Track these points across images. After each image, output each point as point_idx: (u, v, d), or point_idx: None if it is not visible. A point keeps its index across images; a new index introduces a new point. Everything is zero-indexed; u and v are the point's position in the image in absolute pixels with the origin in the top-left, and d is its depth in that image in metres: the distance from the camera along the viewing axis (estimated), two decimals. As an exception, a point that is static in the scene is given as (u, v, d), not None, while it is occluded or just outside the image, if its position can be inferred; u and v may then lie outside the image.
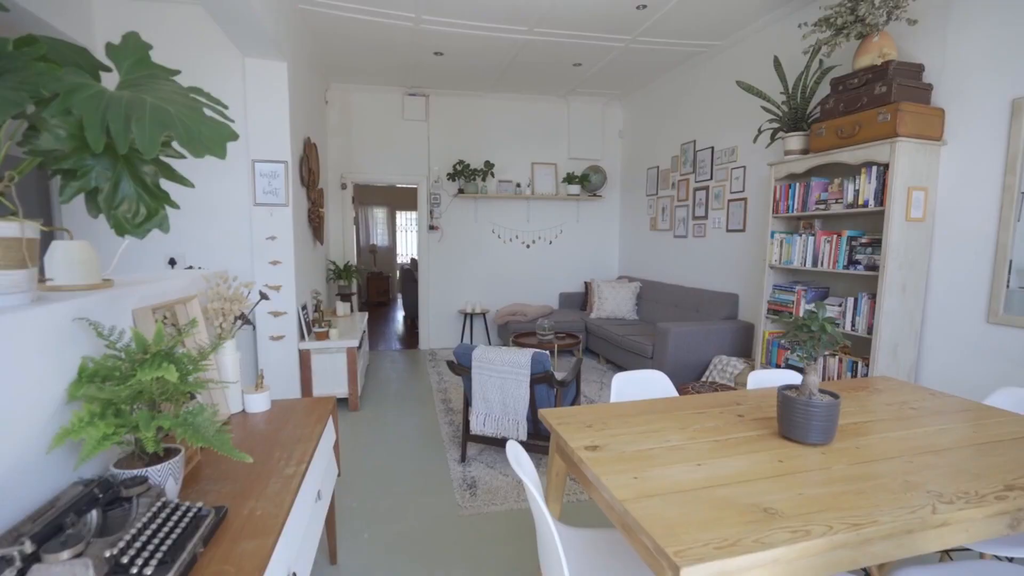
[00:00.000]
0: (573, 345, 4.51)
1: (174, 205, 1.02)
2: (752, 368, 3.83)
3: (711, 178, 4.73)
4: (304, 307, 3.87)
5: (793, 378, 2.04)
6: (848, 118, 2.91)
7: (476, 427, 2.74)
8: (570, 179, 6.14)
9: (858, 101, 2.87)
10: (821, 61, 3.35)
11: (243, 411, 1.84)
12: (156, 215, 0.97)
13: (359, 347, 4.06)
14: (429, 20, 3.96)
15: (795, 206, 3.39)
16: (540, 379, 2.60)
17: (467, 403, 2.96)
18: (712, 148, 4.70)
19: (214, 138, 0.89)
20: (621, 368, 5.13)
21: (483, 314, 6.13)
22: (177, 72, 1.00)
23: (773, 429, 1.50)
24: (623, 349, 4.71)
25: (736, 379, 3.83)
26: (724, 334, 4.15)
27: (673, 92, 5.29)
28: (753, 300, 4.24)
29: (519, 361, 2.59)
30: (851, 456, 1.32)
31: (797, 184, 3.37)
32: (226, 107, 1.01)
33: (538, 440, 2.81)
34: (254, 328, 3.60)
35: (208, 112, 0.95)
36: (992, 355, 2.57)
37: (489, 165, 5.89)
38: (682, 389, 3.50)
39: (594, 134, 6.34)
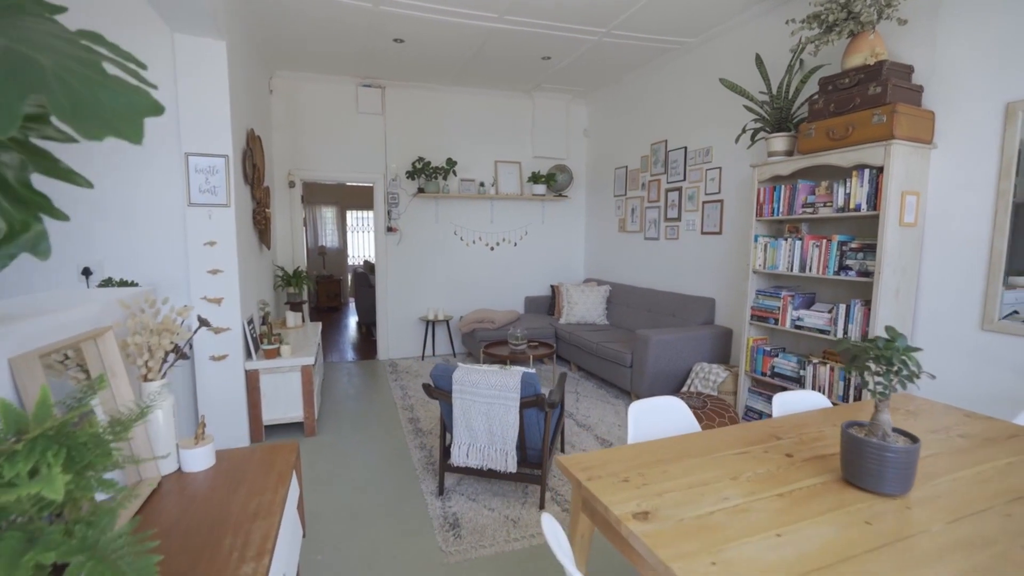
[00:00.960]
0: (547, 355, 4.26)
1: (60, 216, 0.66)
2: (736, 375, 3.71)
3: (684, 179, 4.61)
4: (250, 321, 3.40)
5: (820, 401, 1.86)
6: (840, 119, 2.81)
7: (458, 458, 2.42)
8: (535, 179, 5.90)
9: (850, 102, 2.77)
10: (802, 61, 3.26)
11: (179, 470, 1.45)
12: (25, 232, 0.61)
13: (315, 363, 3.63)
14: (390, 2, 3.58)
15: (780, 209, 3.29)
16: (531, 403, 2.33)
17: (444, 428, 2.64)
18: (685, 148, 4.59)
19: (121, 110, 0.54)
20: (594, 376, 4.94)
21: (446, 321, 5.78)
22: (61, 9, 0.64)
23: (833, 473, 1.29)
24: (599, 357, 4.51)
25: (720, 388, 3.71)
26: (704, 340, 4.03)
27: (642, 90, 5.16)
28: (731, 304, 4.14)
29: (507, 384, 2.30)
30: (939, 510, 1.12)
31: (782, 186, 3.27)
32: (143, 66, 0.65)
33: (525, 468, 2.54)
34: (191, 348, 3.11)
35: (111, 70, 0.59)
36: (987, 363, 2.52)
37: (451, 163, 5.55)
38: (669, 401, 3.32)
39: (559, 132, 6.13)
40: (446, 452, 2.64)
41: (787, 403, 1.81)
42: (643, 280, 5.29)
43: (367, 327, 7.48)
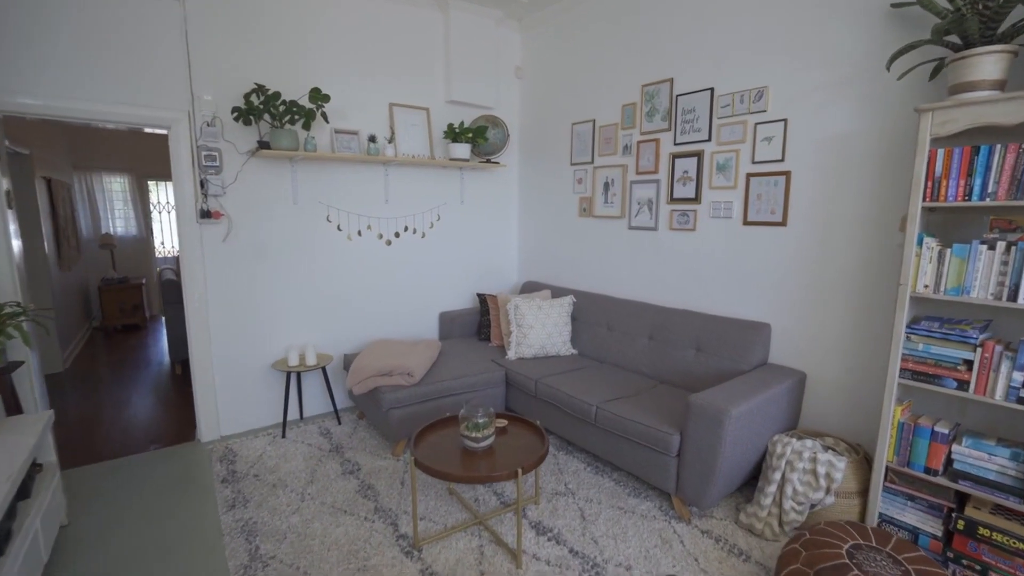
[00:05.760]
0: (539, 462, 2.37)
1: None
2: (860, 463, 2.23)
3: (709, 139, 3.00)
4: None
5: None
6: None
7: None
8: (456, 134, 3.85)
9: None
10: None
11: None
12: None
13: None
14: None
15: (987, 188, 1.81)
16: None
17: None
18: (712, 90, 2.96)
19: None
20: (579, 449, 3.16)
21: (321, 368, 3.51)
22: None
23: None
24: (605, 431, 2.75)
25: (838, 492, 2.21)
26: (780, 398, 2.51)
27: (622, 5, 3.40)
28: (800, 334, 2.67)
29: None
30: None
31: (994, 148, 1.79)
32: None
33: None
34: None
35: None
36: None
37: (321, 97, 3.23)
38: None
39: (485, 68, 4.12)
40: None
41: None
42: (628, 289, 3.64)
43: (183, 367, 4.78)
